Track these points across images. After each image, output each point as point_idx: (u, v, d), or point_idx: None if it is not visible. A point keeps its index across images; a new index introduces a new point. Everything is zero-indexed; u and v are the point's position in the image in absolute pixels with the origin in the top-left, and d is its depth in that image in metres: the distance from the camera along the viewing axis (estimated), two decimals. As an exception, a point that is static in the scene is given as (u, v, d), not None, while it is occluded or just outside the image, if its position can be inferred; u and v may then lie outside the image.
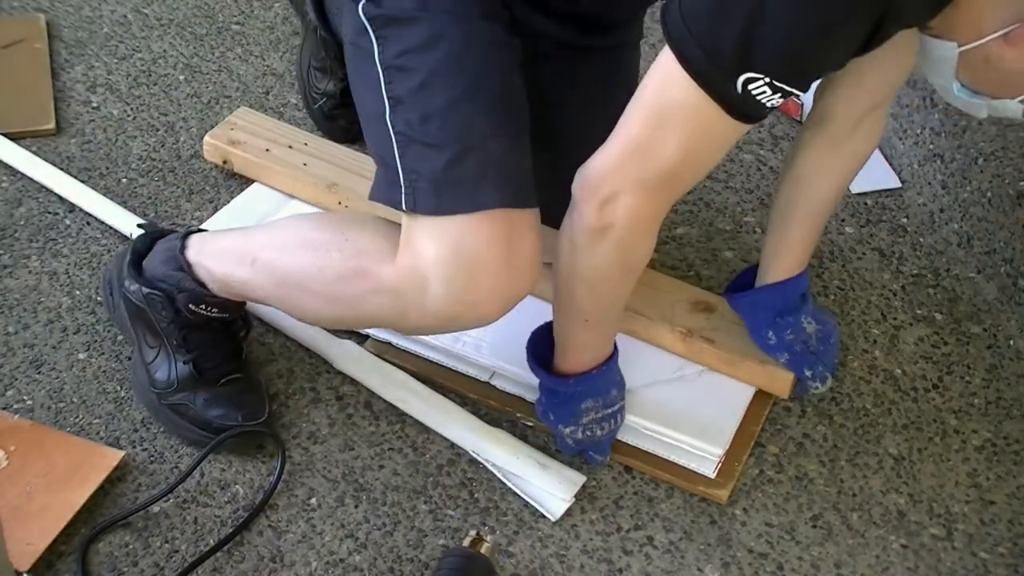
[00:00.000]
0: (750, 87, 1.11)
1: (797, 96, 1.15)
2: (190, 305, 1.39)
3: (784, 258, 1.53)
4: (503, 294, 1.25)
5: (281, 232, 1.38)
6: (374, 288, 1.27)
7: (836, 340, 1.59)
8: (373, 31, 1.28)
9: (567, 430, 1.44)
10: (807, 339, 1.53)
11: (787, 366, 1.55)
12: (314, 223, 1.36)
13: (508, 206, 1.23)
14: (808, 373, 1.54)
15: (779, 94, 1.13)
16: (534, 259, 1.27)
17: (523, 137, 1.29)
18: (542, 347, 1.44)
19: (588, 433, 1.44)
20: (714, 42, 1.11)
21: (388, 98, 1.27)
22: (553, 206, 1.31)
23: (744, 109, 1.14)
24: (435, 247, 1.23)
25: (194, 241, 1.42)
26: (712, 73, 1.12)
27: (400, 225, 1.27)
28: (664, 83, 1.16)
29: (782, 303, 1.53)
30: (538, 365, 1.44)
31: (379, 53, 1.27)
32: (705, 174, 1.28)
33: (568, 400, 1.43)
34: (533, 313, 1.48)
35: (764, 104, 1.14)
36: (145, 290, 1.41)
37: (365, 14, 1.28)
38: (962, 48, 1.16)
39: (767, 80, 1.11)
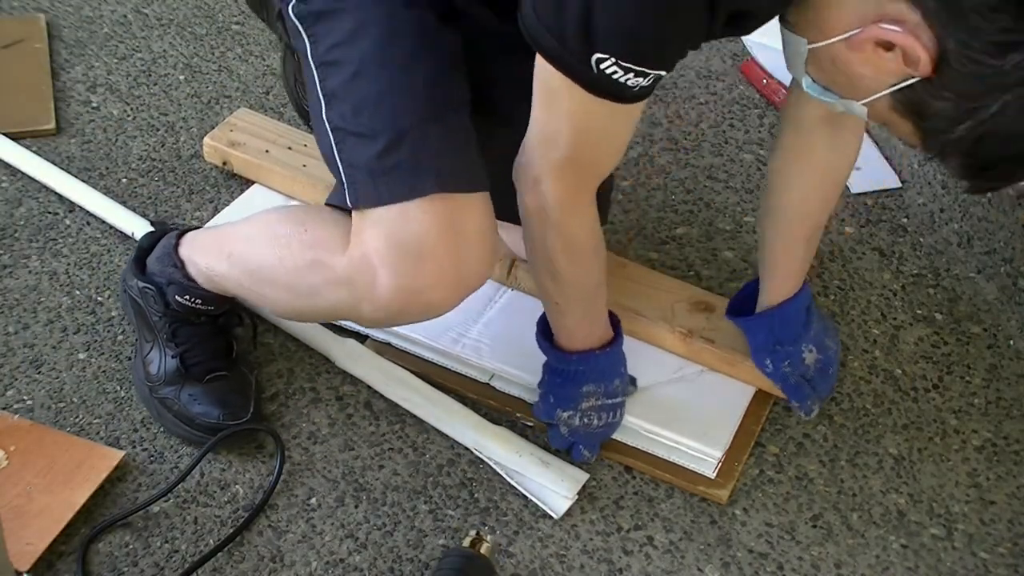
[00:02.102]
0: (603, 67, 1.14)
1: (660, 76, 1.16)
2: (177, 297, 1.42)
3: (775, 280, 1.52)
4: (451, 279, 1.25)
5: (253, 225, 1.39)
6: (328, 280, 1.28)
7: (835, 370, 1.57)
8: (304, 29, 1.29)
9: (565, 415, 1.44)
10: (804, 371, 1.52)
11: (782, 392, 1.55)
12: (281, 216, 1.38)
13: (447, 190, 1.23)
14: (796, 404, 1.55)
15: (633, 74, 1.14)
16: (483, 241, 1.26)
17: (459, 121, 1.28)
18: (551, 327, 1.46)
19: (585, 420, 1.44)
20: (560, 27, 1.14)
21: (323, 95, 1.27)
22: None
23: (607, 89, 1.16)
24: (378, 237, 1.23)
25: (187, 238, 1.45)
26: (565, 57, 1.15)
27: None
28: (541, 69, 1.19)
29: (781, 330, 1.51)
30: (545, 340, 1.46)
31: (311, 51, 1.28)
32: (613, 153, 1.30)
33: (569, 380, 1.43)
34: (535, 317, 1.48)
35: (625, 84, 1.15)
36: (141, 284, 1.44)
37: (295, 14, 1.29)
38: (811, 46, 1.16)
39: (614, 60, 1.13)
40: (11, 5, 2.12)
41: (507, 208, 1.30)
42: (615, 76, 1.14)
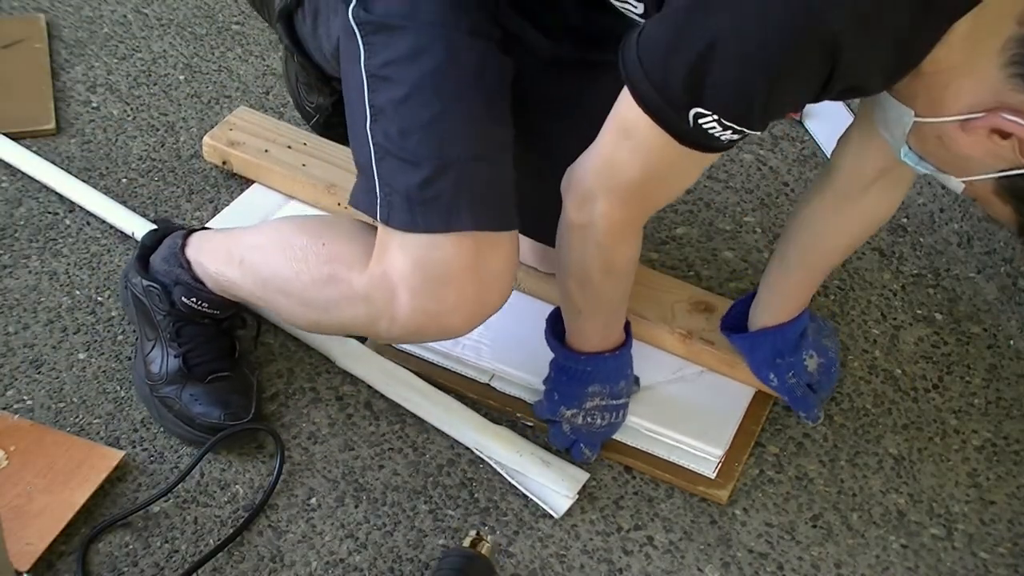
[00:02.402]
0: (700, 121, 1.12)
1: (754, 135, 1.15)
2: (183, 298, 1.42)
3: (783, 301, 1.51)
4: (469, 309, 1.26)
5: (266, 235, 1.39)
6: (345, 295, 1.28)
7: (837, 368, 1.57)
8: (361, 36, 1.27)
9: (569, 412, 1.44)
10: (809, 378, 1.52)
11: (788, 404, 1.55)
12: (297, 227, 1.37)
13: (482, 229, 1.23)
14: (803, 414, 1.55)
15: (730, 131, 1.13)
16: (504, 278, 1.27)
17: (503, 159, 1.28)
18: (561, 323, 1.46)
19: (589, 420, 1.44)
20: (664, 76, 1.12)
21: (370, 107, 1.26)
22: (550, 224, 1.32)
23: (697, 141, 1.15)
24: (405, 259, 1.23)
25: (194, 240, 1.44)
26: (662, 107, 1.13)
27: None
28: (626, 105, 1.17)
29: (782, 344, 1.51)
30: (555, 339, 1.46)
31: (365, 59, 1.27)
32: (677, 192, 1.30)
33: (576, 379, 1.44)
34: (535, 317, 1.48)
35: (718, 138, 1.14)
36: (145, 283, 1.44)
37: (355, 19, 1.27)
38: (918, 120, 1.15)
39: (716, 117, 1.11)
40: (11, 5, 2.12)
41: (524, 221, 1.30)
42: (711, 131, 1.12)
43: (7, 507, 1.33)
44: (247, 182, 1.81)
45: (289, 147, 1.80)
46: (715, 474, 1.49)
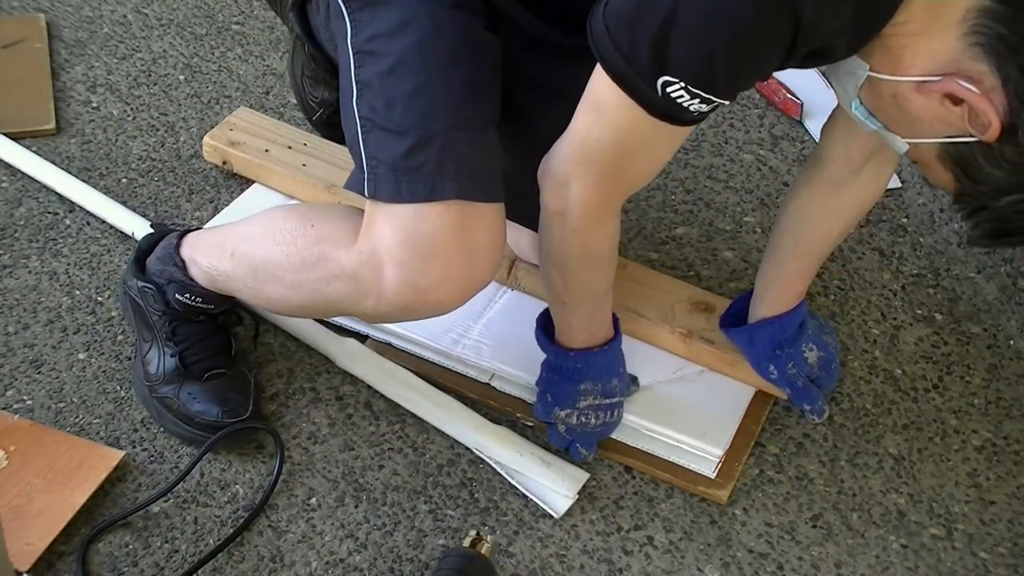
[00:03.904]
0: (669, 90, 1.13)
1: (722, 104, 1.15)
2: (177, 296, 1.42)
3: (780, 292, 1.52)
4: (456, 282, 1.26)
5: (256, 224, 1.39)
6: (334, 273, 1.28)
7: (837, 364, 1.57)
8: (348, 14, 1.28)
9: (563, 413, 1.44)
10: (809, 370, 1.53)
11: (789, 400, 1.55)
12: (286, 213, 1.38)
13: (466, 198, 1.23)
14: (807, 408, 1.55)
15: (698, 100, 1.13)
16: (491, 250, 1.27)
17: (488, 131, 1.28)
18: (551, 322, 1.46)
19: (583, 419, 1.44)
20: (631, 45, 1.12)
21: (356, 82, 1.27)
22: (536, 210, 1.32)
23: (667, 111, 1.15)
24: (391, 232, 1.23)
25: (188, 239, 1.44)
26: (630, 76, 1.14)
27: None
28: (597, 80, 1.18)
29: (780, 335, 1.51)
30: (545, 336, 1.46)
31: (351, 36, 1.28)
32: (650, 172, 1.29)
33: (568, 377, 1.43)
34: (534, 315, 1.48)
35: (687, 108, 1.14)
36: (140, 284, 1.45)
37: None
38: (873, 74, 1.15)
39: (683, 85, 1.12)
40: (11, 5, 2.12)
41: (512, 207, 1.30)
42: (679, 100, 1.13)
43: (7, 507, 1.33)
44: (247, 182, 1.81)
45: (289, 147, 1.80)
46: (715, 474, 1.49)
